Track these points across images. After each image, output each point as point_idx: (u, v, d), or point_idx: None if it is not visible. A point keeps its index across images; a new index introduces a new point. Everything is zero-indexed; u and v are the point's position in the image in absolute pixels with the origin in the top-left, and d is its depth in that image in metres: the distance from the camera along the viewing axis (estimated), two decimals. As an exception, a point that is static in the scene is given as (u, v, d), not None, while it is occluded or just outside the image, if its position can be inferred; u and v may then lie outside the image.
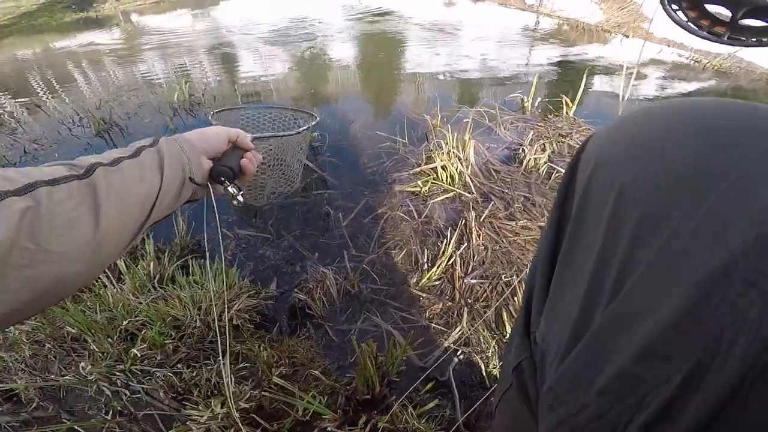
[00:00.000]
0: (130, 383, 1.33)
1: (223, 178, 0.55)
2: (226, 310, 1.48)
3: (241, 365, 1.41)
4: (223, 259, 1.86)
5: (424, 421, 1.23)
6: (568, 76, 3.60)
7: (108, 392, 1.31)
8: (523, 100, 3.00)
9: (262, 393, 1.30)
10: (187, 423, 1.20)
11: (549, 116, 2.87)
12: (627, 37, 4.77)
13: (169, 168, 0.47)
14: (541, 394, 0.33)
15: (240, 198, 0.59)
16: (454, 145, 2.22)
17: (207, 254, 1.89)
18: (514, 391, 0.40)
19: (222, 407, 1.23)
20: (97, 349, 1.41)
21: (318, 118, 1.63)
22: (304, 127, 1.41)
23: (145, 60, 4.82)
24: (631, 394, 0.26)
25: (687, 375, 0.23)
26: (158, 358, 1.42)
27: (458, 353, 1.42)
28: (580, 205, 0.35)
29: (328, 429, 1.23)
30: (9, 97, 4.04)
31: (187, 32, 5.91)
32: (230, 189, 0.57)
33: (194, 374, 1.38)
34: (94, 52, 5.37)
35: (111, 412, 1.28)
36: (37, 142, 3.12)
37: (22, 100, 3.92)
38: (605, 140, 0.35)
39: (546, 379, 0.34)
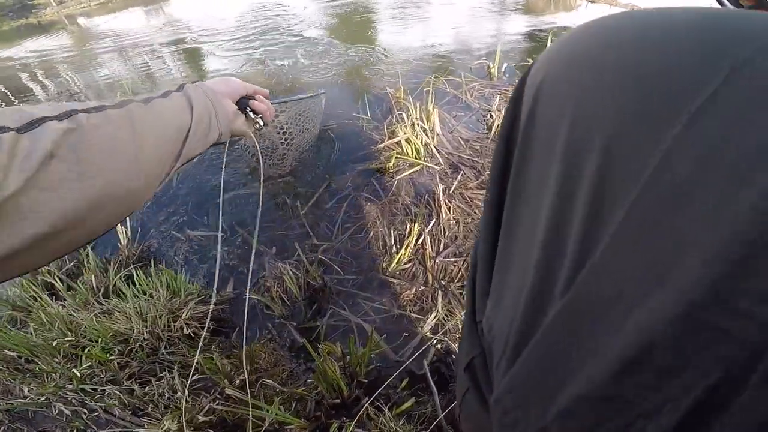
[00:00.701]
0: (86, 402, 1.27)
1: (246, 107, 0.62)
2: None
3: (198, 376, 1.30)
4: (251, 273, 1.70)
5: (402, 422, 1.11)
6: (536, 42, 3.47)
7: (68, 412, 1.26)
8: (489, 66, 2.85)
9: (221, 405, 1.19)
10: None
11: (516, 80, 2.74)
12: (593, 2, 4.71)
13: (197, 107, 0.49)
14: (490, 404, 0.27)
15: (260, 122, 0.65)
16: (418, 117, 2.07)
17: (153, 261, 1.72)
18: (472, 394, 0.32)
19: (176, 422, 1.15)
20: (48, 370, 1.34)
21: (325, 91, 1.60)
22: (312, 94, 1.53)
23: (88, 64, 4.48)
24: (610, 420, 0.19)
25: (703, 396, 0.16)
26: (104, 375, 1.34)
27: (434, 342, 1.29)
28: (523, 143, 0.26)
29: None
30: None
31: (139, 31, 5.51)
32: (250, 114, 0.63)
33: (146, 390, 1.29)
34: (36, 60, 5.00)
35: (75, 431, 1.24)
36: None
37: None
38: (553, 56, 0.26)
39: (494, 384, 0.27)
